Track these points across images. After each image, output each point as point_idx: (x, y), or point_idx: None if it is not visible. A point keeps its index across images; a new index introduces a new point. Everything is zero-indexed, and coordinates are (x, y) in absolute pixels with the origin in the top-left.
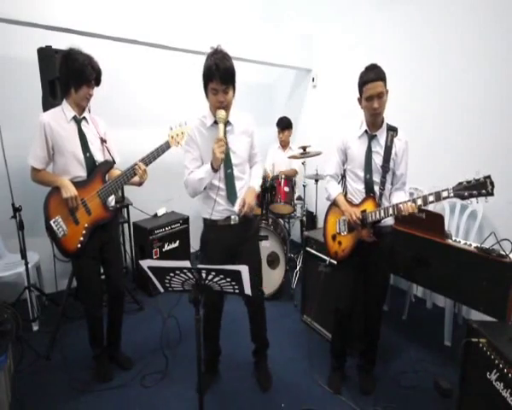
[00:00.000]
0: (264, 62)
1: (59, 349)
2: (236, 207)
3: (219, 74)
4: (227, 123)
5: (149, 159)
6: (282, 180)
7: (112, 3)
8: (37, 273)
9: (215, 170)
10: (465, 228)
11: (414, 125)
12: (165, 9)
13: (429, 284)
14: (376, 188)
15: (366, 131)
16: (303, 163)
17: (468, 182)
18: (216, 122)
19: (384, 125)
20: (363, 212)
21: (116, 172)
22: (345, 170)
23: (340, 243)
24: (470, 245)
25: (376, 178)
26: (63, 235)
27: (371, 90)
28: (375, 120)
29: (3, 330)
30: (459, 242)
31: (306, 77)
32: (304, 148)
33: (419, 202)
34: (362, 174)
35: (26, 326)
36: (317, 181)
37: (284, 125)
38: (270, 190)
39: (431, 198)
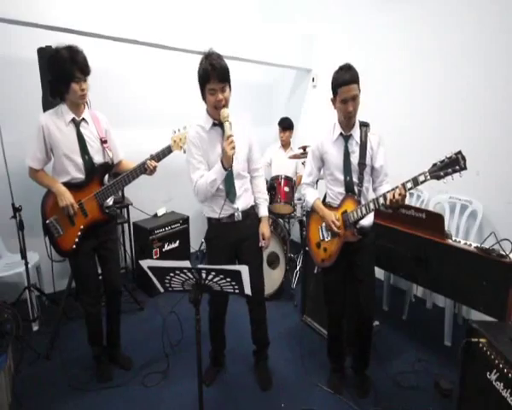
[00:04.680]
0: (264, 62)
1: (59, 349)
2: (261, 243)
3: (216, 73)
4: None
5: (158, 156)
6: (282, 180)
7: (112, 3)
8: (37, 273)
9: (226, 168)
10: (465, 228)
11: (414, 125)
12: (165, 9)
13: (429, 284)
14: (356, 187)
15: (341, 133)
16: (303, 163)
17: (442, 161)
18: (215, 124)
19: (357, 123)
20: (344, 213)
21: (129, 163)
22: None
23: (325, 249)
24: (470, 245)
25: (355, 177)
26: (59, 235)
27: (346, 93)
28: (349, 122)
29: (3, 330)
30: (459, 242)
31: (306, 77)
32: (304, 148)
33: (397, 191)
34: (341, 177)
35: (26, 326)
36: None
37: (286, 125)
38: (269, 190)
39: (409, 185)
